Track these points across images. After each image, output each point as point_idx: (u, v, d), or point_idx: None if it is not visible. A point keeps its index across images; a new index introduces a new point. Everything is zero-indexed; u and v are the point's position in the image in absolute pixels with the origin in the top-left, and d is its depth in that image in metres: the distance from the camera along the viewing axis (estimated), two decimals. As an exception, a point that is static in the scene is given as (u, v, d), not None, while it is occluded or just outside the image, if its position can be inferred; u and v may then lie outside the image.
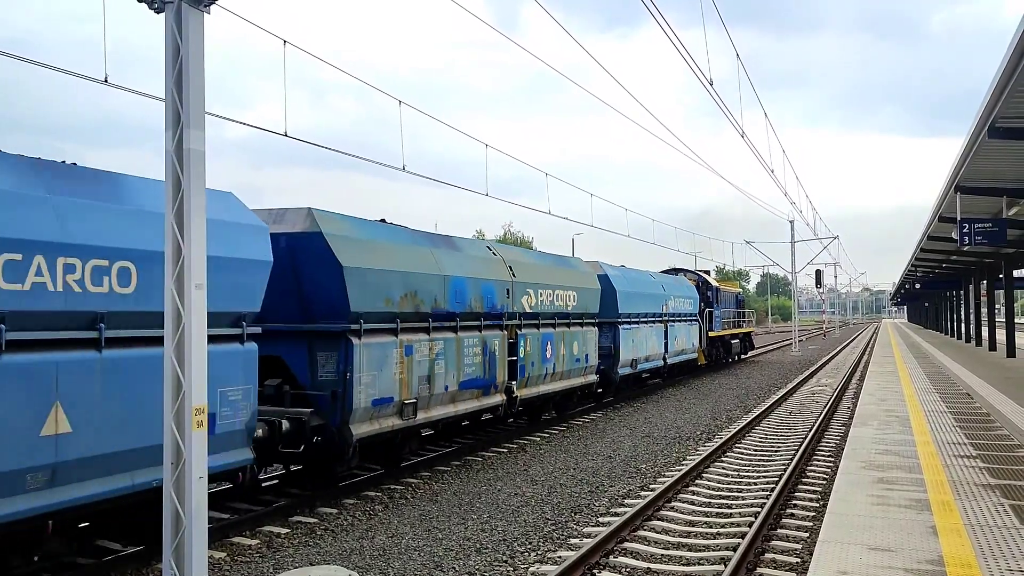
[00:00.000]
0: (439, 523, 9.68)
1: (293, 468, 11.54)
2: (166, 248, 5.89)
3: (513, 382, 14.85)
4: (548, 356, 16.42)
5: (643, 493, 11.09)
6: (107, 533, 8.08)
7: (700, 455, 13.49)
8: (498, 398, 14.31)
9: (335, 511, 10.22)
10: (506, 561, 8.22)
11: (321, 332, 10.45)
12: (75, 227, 6.84)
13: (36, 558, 7.14)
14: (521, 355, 15.15)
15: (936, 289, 54.19)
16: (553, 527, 9.50)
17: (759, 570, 7.79)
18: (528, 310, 15.56)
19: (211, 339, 7.28)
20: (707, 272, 36.86)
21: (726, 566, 7.63)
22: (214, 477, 7.84)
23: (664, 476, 12.24)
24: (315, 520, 9.82)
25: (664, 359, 25.34)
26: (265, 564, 8.20)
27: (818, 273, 60.37)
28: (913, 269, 45.08)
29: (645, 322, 23.27)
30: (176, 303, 5.84)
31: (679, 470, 12.38)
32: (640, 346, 22.71)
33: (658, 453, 14.30)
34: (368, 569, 7.98)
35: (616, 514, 9.98)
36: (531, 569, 7.93)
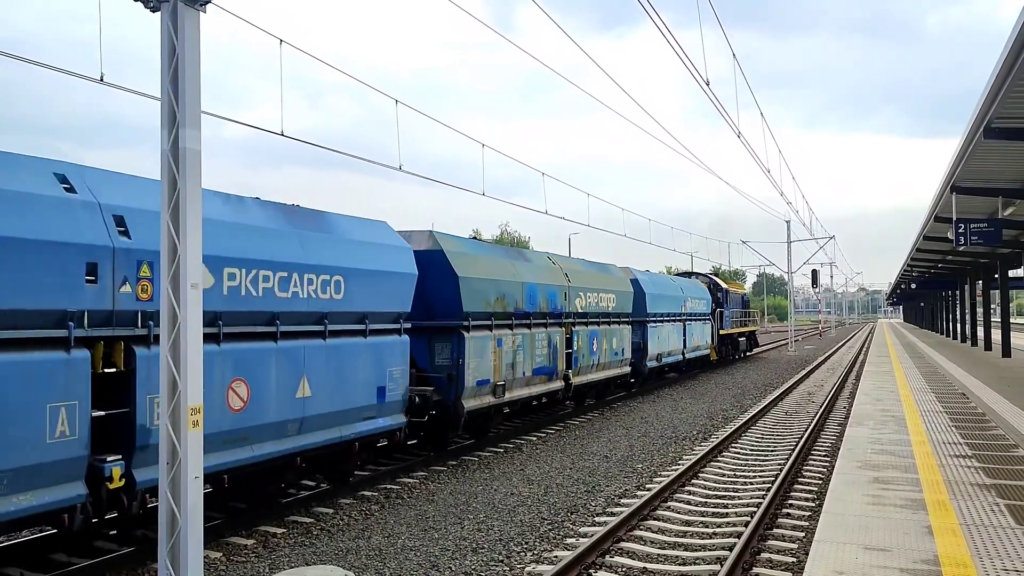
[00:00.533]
0: (435, 523, 9.68)
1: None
2: (161, 247, 5.88)
3: (569, 371, 17.70)
4: (594, 350, 19.27)
5: (639, 493, 11.10)
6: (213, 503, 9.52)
7: (696, 455, 13.49)
8: (559, 383, 17.22)
9: (331, 511, 10.21)
10: (502, 561, 8.22)
11: (439, 327, 13.31)
12: (312, 252, 9.84)
13: (283, 485, 10.15)
14: (575, 348, 18.01)
15: (932, 289, 54.33)
16: (549, 527, 9.50)
17: (755, 570, 7.80)
18: (580, 310, 18.43)
19: (381, 331, 11.16)
20: (716, 274, 38.29)
21: (722, 566, 7.63)
22: (383, 434, 11.38)
23: (660, 476, 12.25)
24: (311, 520, 9.81)
25: (683, 354, 28.04)
26: (261, 564, 8.19)
27: (814, 273, 60.42)
28: (909, 269, 45.20)
29: (668, 321, 26.22)
30: (171, 302, 5.82)
31: (675, 470, 12.39)
32: (664, 342, 25.55)
33: (654, 453, 14.31)
34: (364, 569, 7.97)
35: (612, 514, 9.98)
36: (527, 569, 7.93)
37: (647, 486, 11.55)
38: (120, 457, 7.34)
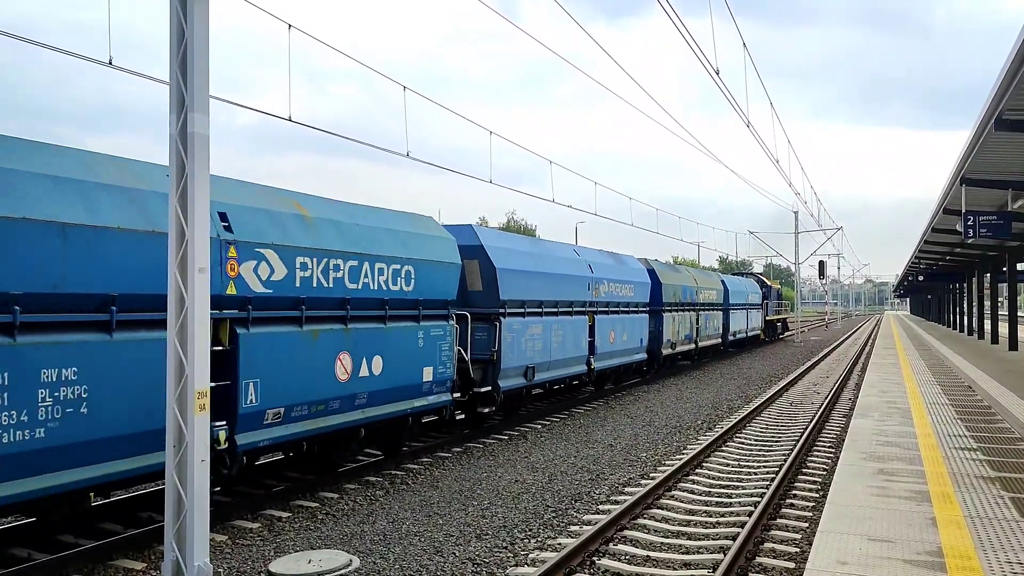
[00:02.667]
0: (440, 509, 9.72)
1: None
2: (169, 232, 5.89)
3: (697, 338, 29.24)
4: (707, 326, 31.03)
5: (643, 482, 11.12)
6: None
7: (700, 444, 13.51)
8: (693, 345, 28.76)
9: (336, 496, 10.26)
10: (506, 547, 8.25)
11: (652, 310, 23.74)
12: (621, 273, 21.27)
13: (609, 383, 22.19)
14: (700, 325, 29.54)
15: (939, 282, 54.10)
16: (553, 514, 9.53)
17: (758, 559, 7.81)
18: (701, 302, 29.75)
19: (640, 311, 22.61)
20: (763, 273, 50.31)
21: (725, 555, 7.65)
22: (636, 363, 22.69)
23: (664, 465, 12.27)
24: (316, 504, 9.86)
25: (746, 332, 39.85)
26: (266, 547, 8.24)
27: (821, 264, 60.30)
28: (917, 261, 45.00)
29: (739, 309, 37.91)
30: (179, 286, 5.84)
31: (679, 459, 12.40)
32: (737, 323, 37.29)
33: (659, 442, 14.33)
34: (368, 554, 8.01)
35: (616, 502, 10.01)
36: (531, 556, 7.96)
37: (651, 475, 11.57)
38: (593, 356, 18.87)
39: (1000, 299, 37.16)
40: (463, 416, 15.10)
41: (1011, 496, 7.41)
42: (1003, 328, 35.09)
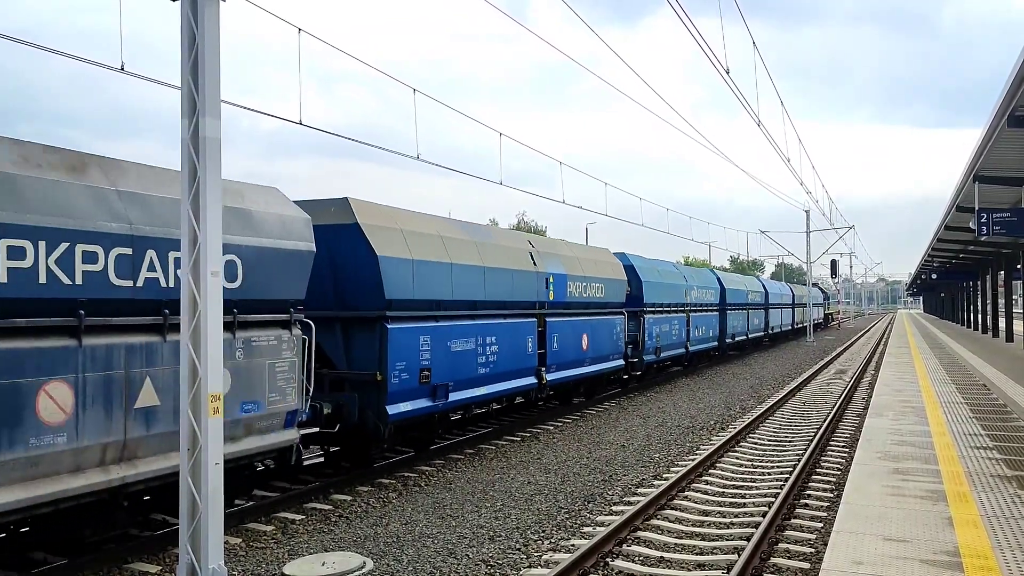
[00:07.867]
0: (453, 511, 9.72)
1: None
2: (182, 235, 5.92)
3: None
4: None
5: (656, 482, 11.09)
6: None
7: (714, 445, 13.46)
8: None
9: (349, 498, 10.28)
10: (519, 549, 8.25)
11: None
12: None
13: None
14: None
15: (952, 280, 53.75)
16: (566, 515, 9.52)
17: (773, 560, 7.77)
18: (801, 302, 52.25)
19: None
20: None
21: (740, 555, 7.62)
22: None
23: (677, 466, 12.23)
24: (329, 507, 9.89)
25: (817, 320, 56.67)
26: (280, 550, 8.27)
27: (833, 263, 59.97)
28: (930, 259, 44.73)
29: (816, 307, 55.45)
30: (192, 290, 5.87)
31: (692, 459, 12.36)
32: (814, 314, 53.60)
33: (671, 443, 14.29)
34: (382, 556, 8.02)
35: (629, 503, 9.99)
36: (545, 557, 7.95)
37: (664, 475, 11.54)
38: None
39: (1014, 297, 36.87)
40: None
41: (1028, 495, 7.34)
42: (1017, 326, 34.85)
